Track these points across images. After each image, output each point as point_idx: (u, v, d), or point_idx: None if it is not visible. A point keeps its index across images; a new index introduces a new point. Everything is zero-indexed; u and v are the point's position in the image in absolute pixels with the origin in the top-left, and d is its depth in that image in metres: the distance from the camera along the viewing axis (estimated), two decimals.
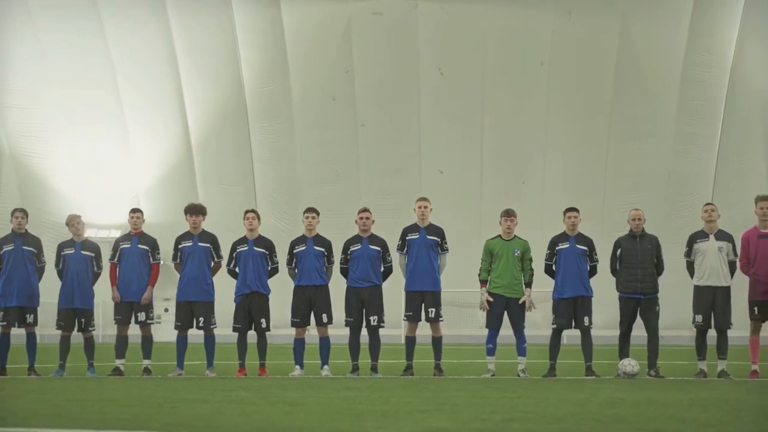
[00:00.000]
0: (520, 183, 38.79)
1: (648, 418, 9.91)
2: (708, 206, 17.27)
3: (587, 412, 10.45)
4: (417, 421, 9.57)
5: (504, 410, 10.53)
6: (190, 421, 9.55)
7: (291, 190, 37.95)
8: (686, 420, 9.85)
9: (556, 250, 17.05)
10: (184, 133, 37.89)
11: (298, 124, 37.93)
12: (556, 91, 37.94)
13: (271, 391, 12.96)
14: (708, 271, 16.84)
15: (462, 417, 9.89)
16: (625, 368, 16.44)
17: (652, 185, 37.62)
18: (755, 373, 16.65)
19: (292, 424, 9.28)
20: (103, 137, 37.58)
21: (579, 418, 9.80)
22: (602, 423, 9.51)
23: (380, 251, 17.11)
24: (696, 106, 37.88)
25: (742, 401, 11.85)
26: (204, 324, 16.81)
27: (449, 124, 38.35)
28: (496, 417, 9.89)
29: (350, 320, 16.99)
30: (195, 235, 17.02)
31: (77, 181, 37.61)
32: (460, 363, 20.76)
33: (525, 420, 9.71)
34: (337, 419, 9.68)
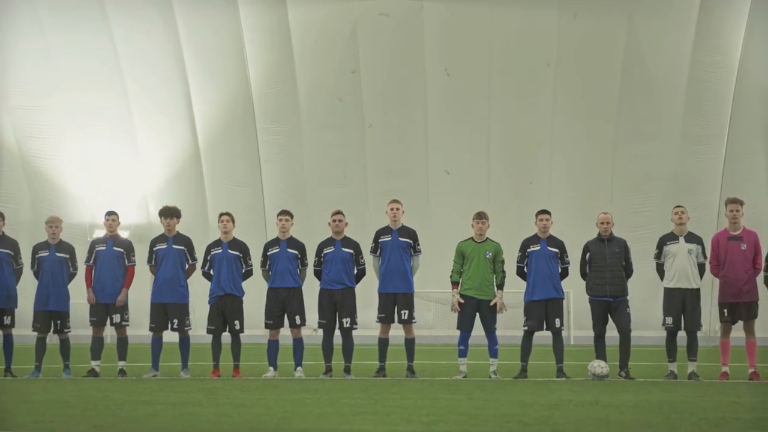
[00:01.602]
0: (528, 183, 38.75)
1: (574, 420, 10.06)
2: (678, 208, 17.36)
3: (522, 413, 10.60)
4: (343, 423, 9.76)
5: (440, 412, 10.68)
6: (120, 422, 9.75)
7: (298, 191, 38.07)
8: (612, 421, 9.99)
9: (528, 252, 17.16)
10: (191, 134, 38.08)
11: (305, 125, 38.05)
12: (563, 92, 37.87)
13: (225, 393, 13.15)
14: (678, 273, 16.92)
15: (391, 419, 10.07)
16: (594, 370, 16.55)
17: (659, 186, 37.48)
18: (725, 374, 16.73)
19: (219, 427, 9.46)
20: (110, 138, 37.78)
21: (506, 420, 9.95)
22: (525, 425, 9.66)
23: (353, 254, 17.26)
24: (703, 107, 37.69)
25: (685, 403, 11.93)
26: (178, 326, 17.01)
27: (456, 125, 38.35)
28: (425, 419, 10.05)
29: (323, 322, 17.17)
30: (169, 238, 17.23)
31: (85, 182, 37.83)
32: (437, 364, 20.86)
33: (452, 422, 9.87)
34: (266, 422, 9.86)
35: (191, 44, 37.32)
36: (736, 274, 16.72)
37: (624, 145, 38.26)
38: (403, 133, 38.70)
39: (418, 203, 37.44)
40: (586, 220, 35.99)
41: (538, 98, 38.18)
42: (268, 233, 34.08)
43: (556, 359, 17.03)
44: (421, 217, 37.09)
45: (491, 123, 38.31)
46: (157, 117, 37.91)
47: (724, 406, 11.64)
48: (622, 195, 37.99)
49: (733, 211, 17.06)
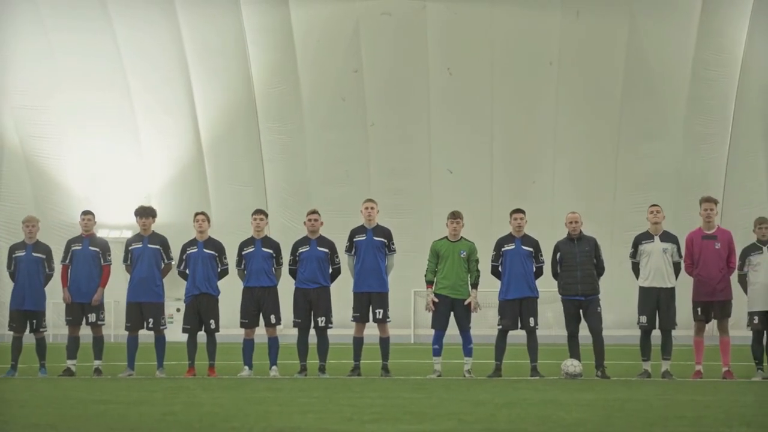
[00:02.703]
0: (530, 183, 38.76)
1: (515, 419, 10.07)
2: (653, 207, 17.35)
3: (469, 412, 10.63)
4: (281, 421, 9.80)
5: (387, 411, 10.72)
6: (60, 422, 9.80)
7: (301, 190, 38.23)
8: (551, 420, 9.99)
9: (502, 252, 17.16)
10: (194, 133, 38.29)
11: (308, 124, 38.19)
12: (565, 91, 37.86)
13: (187, 392, 13.22)
14: (653, 272, 16.91)
15: (331, 417, 10.11)
16: (567, 369, 16.54)
17: (663, 185, 37.41)
18: (699, 373, 16.72)
19: (163, 426, 9.51)
20: (114, 138, 38.05)
21: (448, 419, 9.98)
22: (464, 422, 9.69)
23: (328, 253, 17.32)
24: (706, 106, 37.64)
25: (639, 401, 11.92)
26: (153, 325, 17.09)
27: (458, 124, 38.43)
28: (366, 417, 10.08)
29: (298, 321, 17.23)
30: (145, 237, 17.33)
31: (88, 182, 38.11)
32: (414, 363, 20.88)
33: (392, 420, 9.90)
34: (207, 420, 9.91)
35: (194, 44, 37.51)
36: (709, 273, 16.72)
37: (627, 144, 38.23)
38: (405, 133, 38.79)
39: (420, 202, 37.57)
40: (590, 219, 35.98)
41: (540, 97, 38.20)
42: (270, 233, 34.13)
43: (530, 358, 17.05)
44: (423, 216, 37.26)
45: (494, 122, 38.35)
46: (160, 117, 38.12)
47: (675, 405, 11.64)
48: (624, 194, 37.96)
49: (707, 210, 17.07)
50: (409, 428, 9.34)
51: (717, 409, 11.14)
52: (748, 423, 9.83)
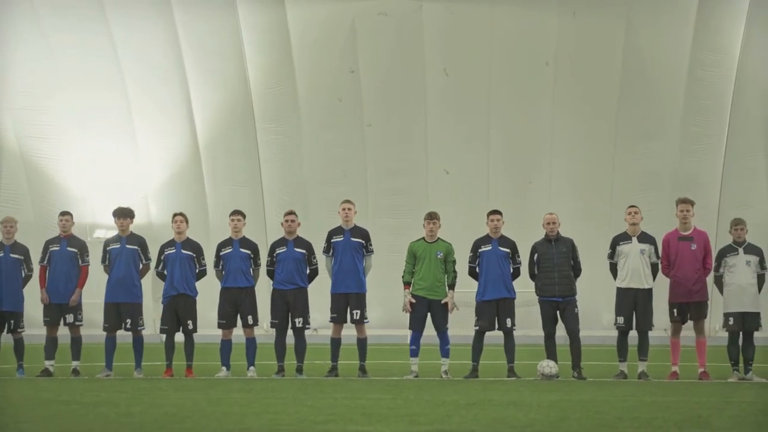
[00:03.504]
0: (527, 183, 38.70)
1: (468, 420, 10.12)
2: (631, 208, 17.39)
3: (426, 413, 10.68)
4: (235, 422, 9.86)
5: (343, 412, 10.77)
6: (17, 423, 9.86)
7: (298, 191, 38.18)
8: (503, 421, 10.03)
9: (479, 253, 17.19)
10: (191, 134, 38.28)
11: (305, 125, 38.16)
12: (562, 91, 37.76)
13: (153, 393, 13.28)
14: (630, 273, 16.94)
15: (284, 418, 10.17)
16: (543, 370, 16.57)
17: (660, 185, 37.26)
18: (675, 374, 16.75)
19: (116, 427, 9.56)
20: (111, 138, 38.02)
21: (399, 420, 10.02)
22: (415, 424, 9.72)
23: (305, 254, 17.38)
24: (703, 106, 37.48)
25: (602, 402, 11.94)
26: (131, 325, 17.15)
27: (455, 124, 38.35)
28: (318, 419, 10.15)
29: (275, 322, 17.29)
30: (123, 238, 17.39)
31: (86, 182, 38.12)
32: (398, 364, 20.89)
33: (344, 421, 9.95)
34: (160, 421, 9.96)
35: (190, 45, 37.52)
36: (685, 274, 16.75)
37: (623, 144, 38.13)
38: (402, 133, 38.73)
39: (417, 203, 37.47)
40: (587, 219, 36.20)
41: (537, 97, 38.11)
42: (267, 233, 34.20)
43: (507, 359, 17.08)
44: (420, 216, 37.02)
45: (491, 122, 38.28)
46: (157, 117, 38.14)
47: (636, 406, 11.65)
48: (622, 194, 37.77)
49: (683, 211, 17.11)
50: (357, 429, 9.39)
51: (675, 410, 11.17)
52: (702, 425, 9.86)
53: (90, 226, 36.85)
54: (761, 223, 29.89)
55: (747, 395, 13.51)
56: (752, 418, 10.39)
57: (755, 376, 16.63)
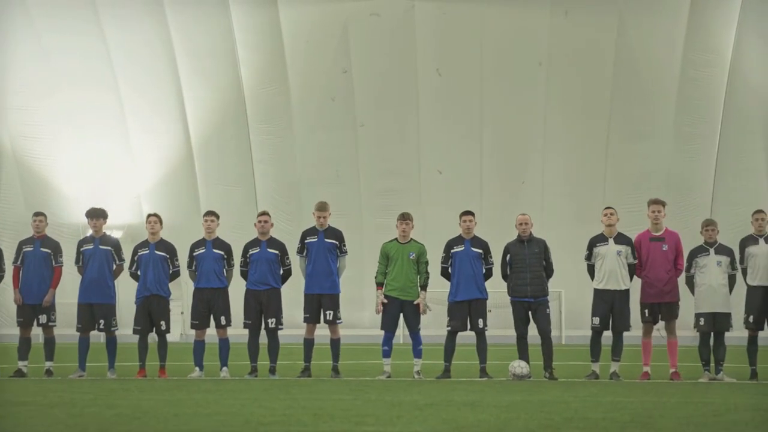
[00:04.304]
0: (520, 183, 38.72)
1: (418, 419, 10.15)
2: (607, 210, 17.39)
3: (378, 414, 10.70)
4: (183, 424, 9.89)
5: (291, 413, 10.80)
6: None
7: (291, 191, 38.26)
8: (453, 422, 10.05)
9: (452, 253, 17.21)
10: (184, 134, 38.37)
11: (298, 125, 38.23)
12: (555, 91, 37.80)
13: (117, 394, 13.31)
14: (607, 274, 16.95)
15: (234, 420, 10.20)
16: (514, 370, 16.58)
17: (652, 185, 37.22)
18: (646, 374, 16.77)
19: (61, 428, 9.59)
20: (104, 138, 38.12)
21: (346, 421, 10.04)
22: (361, 425, 9.75)
23: (278, 254, 17.41)
24: (695, 106, 37.50)
25: (555, 403, 11.94)
26: (105, 326, 17.19)
27: (448, 125, 38.40)
28: (266, 420, 10.19)
29: (248, 322, 17.31)
30: (96, 238, 17.43)
31: (79, 183, 38.24)
32: (366, 364, 20.90)
33: (290, 423, 9.98)
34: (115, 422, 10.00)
35: (183, 46, 37.60)
36: (657, 275, 16.78)
37: (616, 144, 38.16)
38: (395, 133, 38.79)
39: (410, 203, 37.45)
40: (579, 219, 36.23)
41: (529, 97, 38.15)
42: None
43: (479, 359, 17.09)
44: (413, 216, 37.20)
45: (483, 122, 38.32)
46: (150, 118, 38.24)
47: (591, 406, 11.66)
48: (614, 194, 37.80)
49: (655, 212, 17.14)
50: (299, 429, 9.42)
51: (628, 411, 11.18)
52: (647, 425, 9.88)
53: (83, 226, 36.76)
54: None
55: (710, 396, 13.51)
56: (700, 419, 10.38)
57: (726, 377, 16.66)
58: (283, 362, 18.38)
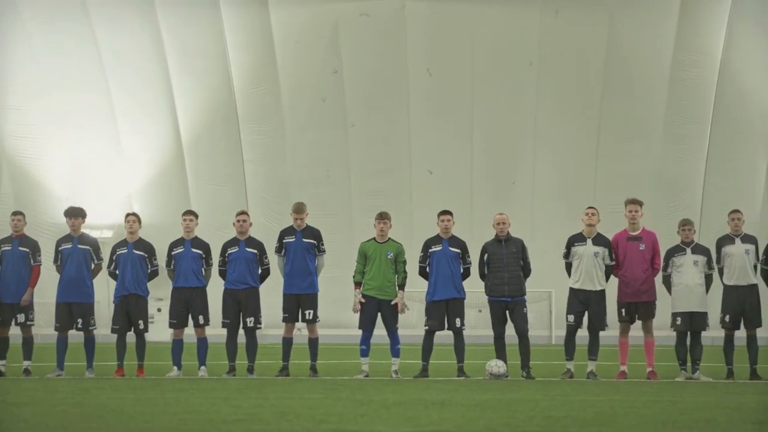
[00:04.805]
0: (511, 183, 38.76)
1: (378, 419, 10.16)
2: (589, 209, 17.45)
3: (341, 413, 10.71)
4: (145, 422, 9.91)
5: (261, 412, 10.82)
6: None
7: (282, 191, 38.26)
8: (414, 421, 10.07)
9: (429, 253, 17.23)
10: (175, 134, 38.42)
11: (288, 125, 38.27)
12: (545, 91, 37.84)
13: (88, 393, 13.32)
14: (583, 274, 17.00)
15: (198, 418, 10.22)
16: (491, 369, 16.60)
17: (643, 186, 37.20)
18: (623, 374, 16.78)
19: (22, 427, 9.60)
20: (95, 139, 38.18)
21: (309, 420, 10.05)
22: (323, 423, 9.76)
23: (257, 254, 17.44)
24: (685, 106, 37.57)
25: (519, 402, 11.96)
26: (83, 325, 17.20)
27: (439, 125, 38.44)
28: (230, 418, 10.20)
29: (227, 322, 17.34)
30: (75, 238, 17.44)
31: (70, 182, 38.28)
32: (349, 363, 20.91)
33: (251, 421, 10.00)
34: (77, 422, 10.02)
35: (174, 46, 37.65)
36: (633, 274, 16.83)
37: (606, 145, 38.21)
38: (386, 133, 38.83)
39: (401, 203, 37.59)
40: (569, 219, 36.13)
41: (520, 97, 38.20)
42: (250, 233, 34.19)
43: (457, 359, 17.11)
44: (403, 216, 37.17)
45: (474, 123, 38.36)
46: (140, 118, 38.29)
47: (557, 405, 11.66)
48: (604, 194, 37.84)
49: (632, 212, 17.21)
50: (260, 428, 9.44)
51: (593, 409, 11.21)
52: (607, 423, 9.90)
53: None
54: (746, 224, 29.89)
55: (680, 395, 13.53)
56: (664, 418, 10.39)
57: (702, 376, 16.69)
58: (264, 362, 18.42)
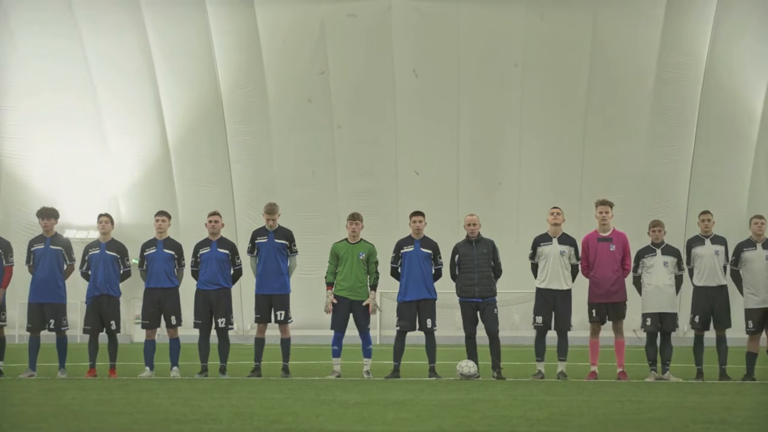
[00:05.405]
0: (497, 184, 38.83)
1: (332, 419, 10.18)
2: (554, 209, 17.49)
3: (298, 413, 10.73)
4: (100, 422, 9.93)
5: (217, 411, 10.83)
6: None
7: (268, 191, 38.23)
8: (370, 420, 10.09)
9: (401, 253, 17.27)
10: (161, 135, 38.49)
11: (275, 126, 38.35)
12: (531, 92, 37.94)
13: (51, 394, 13.35)
14: (549, 274, 17.03)
15: (148, 418, 10.25)
16: (462, 369, 16.62)
17: (628, 186, 37.43)
18: (594, 374, 16.82)
19: None
20: (81, 140, 38.26)
21: (263, 419, 10.07)
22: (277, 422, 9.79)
23: (229, 254, 17.46)
24: (670, 108, 37.69)
25: (481, 402, 12.00)
26: (55, 326, 17.22)
27: (425, 126, 38.52)
28: (183, 418, 10.21)
29: (199, 322, 17.37)
30: (47, 238, 17.49)
31: (56, 183, 38.33)
32: (324, 364, 20.93)
33: (205, 421, 10.00)
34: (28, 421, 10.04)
35: (160, 47, 37.71)
36: (604, 275, 16.86)
37: (592, 146, 38.29)
38: (372, 134, 38.89)
39: (387, 204, 37.64)
40: None
41: (506, 99, 38.27)
42: (238, 233, 34.29)
43: (428, 359, 17.14)
44: (390, 217, 37.31)
45: (460, 124, 38.44)
46: (127, 119, 38.36)
47: (518, 405, 11.69)
48: (590, 195, 37.77)
49: (602, 213, 17.25)
50: (210, 427, 9.47)
51: (551, 409, 11.24)
52: (561, 422, 9.92)
53: (59, 227, 36.78)
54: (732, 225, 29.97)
55: (643, 395, 13.55)
56: (618, 417, 10.42)
57: (672, 376, 16.72)
58: (242, 362, 18.46)
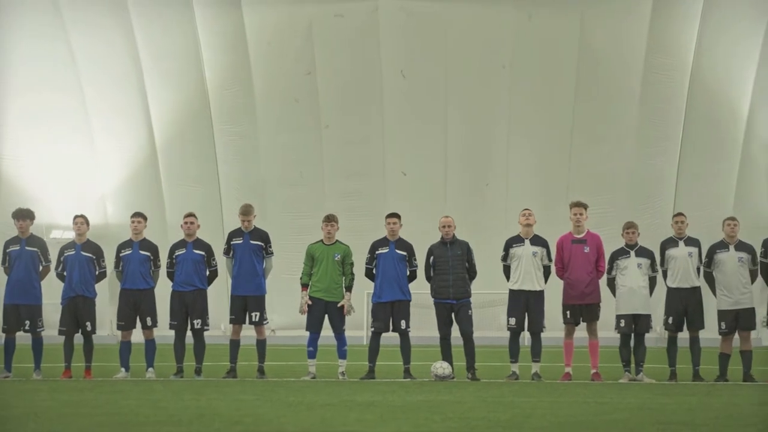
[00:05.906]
0: (484, 185, 38.80)
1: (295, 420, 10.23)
2: (525, 211, 17.56)
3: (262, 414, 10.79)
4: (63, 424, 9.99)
5: (184, 413, 10.92)
6: None
7: (256, 192, 38.12)
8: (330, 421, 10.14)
9: (376, 255, 17.31)
10: (148, 136, 38.42)
11: (262, 126, 38.28)
12: (518, 93, 37.86)
13: (22, 395, 13.42)
14: (522, 275, 17.08)
15: (113, 420, 10.31)
16: (436, 371, 16.67)
17: (615, 188, 37.40)
18: (568, 375, 16.88)
19: None
20: (68, 141, 38.16)
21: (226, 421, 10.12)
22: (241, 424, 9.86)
23: (204, 255, 17.49)
24: (657, 109, 37.58)
25: (448, 403, 12.04)
26: (30, 327, 17.23)
27: (412, 126, 38.43)
28: (152, 419, 10.30)
29: (174, 323, 17.40)
30: (23, 239, 17.48)
31: (43, 184, 38.25)
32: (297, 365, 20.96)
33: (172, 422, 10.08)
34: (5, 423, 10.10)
35: (147, 47, 37.64)
36: (578, 277, 16.91)
37: (579, 147, 38.23)
38: (359, 134, 38.81)
39: (374, 204, 37.59)
40: (543, 221, 36.10)
41: (493, 100, 38.21)
42: (225, 234, 34.20)
43: (403, 360, 17.19)
44: (378, 218, 37.10)
45: (447, 124, 38.39)
46: (113, 119, 38.27)
47: (483, 405, 11.78)
48: (578, 196, 37.32)
49: (576, 215, 17.28)
50: (171, 429, 9.51)
51: (514, 410, 11.30)
52: (519, 424, 9.98)
53: (46, 226, 36.83)
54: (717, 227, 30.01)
55: (611, 396, 13.61)
56: (579, 419, 10.49)
57: (645, 377, 16.78)
58: (219, 363, 18.50)
